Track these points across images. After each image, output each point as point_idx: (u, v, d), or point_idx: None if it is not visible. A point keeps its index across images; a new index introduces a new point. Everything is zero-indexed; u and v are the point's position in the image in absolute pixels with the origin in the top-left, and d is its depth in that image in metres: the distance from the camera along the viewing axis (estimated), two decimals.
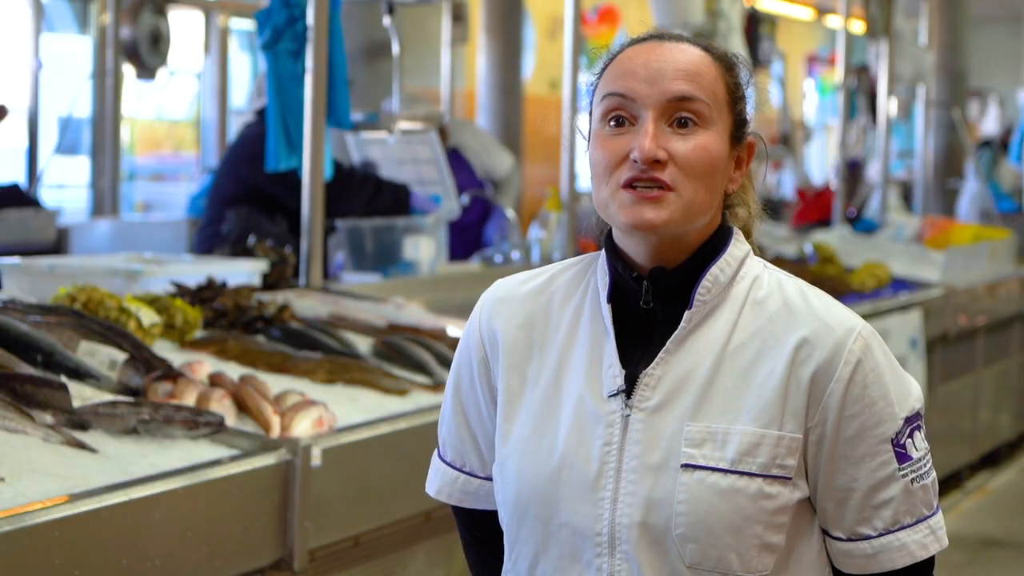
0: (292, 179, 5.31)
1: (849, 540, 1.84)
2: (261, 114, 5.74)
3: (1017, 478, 8.16)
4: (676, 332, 1.83)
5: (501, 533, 1.97)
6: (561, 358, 1.88)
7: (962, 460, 7.76)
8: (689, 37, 1.88)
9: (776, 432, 1.79)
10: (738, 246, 1.88)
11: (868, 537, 1.83)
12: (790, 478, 1.80)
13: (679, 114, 1.80)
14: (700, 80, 1.81)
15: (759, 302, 1.84)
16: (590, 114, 1.88)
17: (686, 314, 1.83)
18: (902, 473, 1.82)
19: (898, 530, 1.83)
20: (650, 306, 1.84)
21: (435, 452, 2.05)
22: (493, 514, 1.99)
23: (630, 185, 1.79)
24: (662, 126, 1.80)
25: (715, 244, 1.86)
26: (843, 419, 1.80)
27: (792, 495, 1.80)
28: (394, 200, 5.88)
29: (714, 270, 1.84)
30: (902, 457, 1.82)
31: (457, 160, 7.58)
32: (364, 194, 5.70)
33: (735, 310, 1.84)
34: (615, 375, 1.83)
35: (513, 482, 1.86)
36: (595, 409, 1.83)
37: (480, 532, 2.04)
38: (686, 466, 1.78)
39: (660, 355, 1.83)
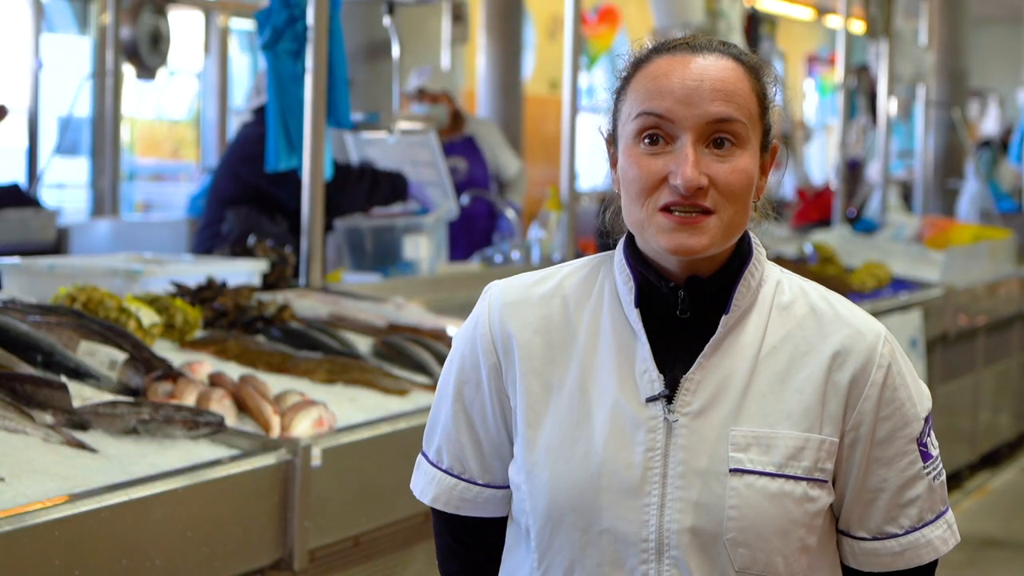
0: (291, 179, 5.32)
1: (875, 539, 1.86)
2: (258, 113, 5.74)
3: (1017, 478, 8.16)
4: (714, 337, 1.83)
5: (492, 542, 1.97)
6: (585, 363, 1.86)
7: (962, 460, 7.76)
8: (718, 45, 1.85)
9: (818, 436, 1.81)
10: (760, 250, 1.89)
11: (895, 535, 1.86)
12: (827, 481, 1.83)
13: (717, 135, 1.79)
14: (737, 99, 1.80)
15: (785, 307, 1.86)
16: (613, 119, 1.87)
17: (723, 319, 1.83)
18: (926, 471, 1.86)
19: (923, 527, 1.86)
20: (687, 315, 1.84)
21: (420, 458, 2.02)
22: (488, 521, 1.97)
23: (667, 208, 1.78)
24: (700, 148, 1.79)
25: (743, 251, 1.87)
26: (878, 421, 1.83)
27: (828, 498, 1.83)
28: (392, 189, 5.87)
29: (746, 275, 1.85)
30: (925, 456, 1.86)
31: (472, 149, 7.60)
32: (363, 187, 5.69)
33: (764, 314, 1.85)
34: (652, 379, 1.83)
35: (546, 490, 1.84)
36: (634, 414, 1.82)
37: (472, 540, 2.01)
38: (735, 471, 1.79)
39: (698, 360, 1.83)
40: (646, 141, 1.80)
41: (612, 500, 1.81)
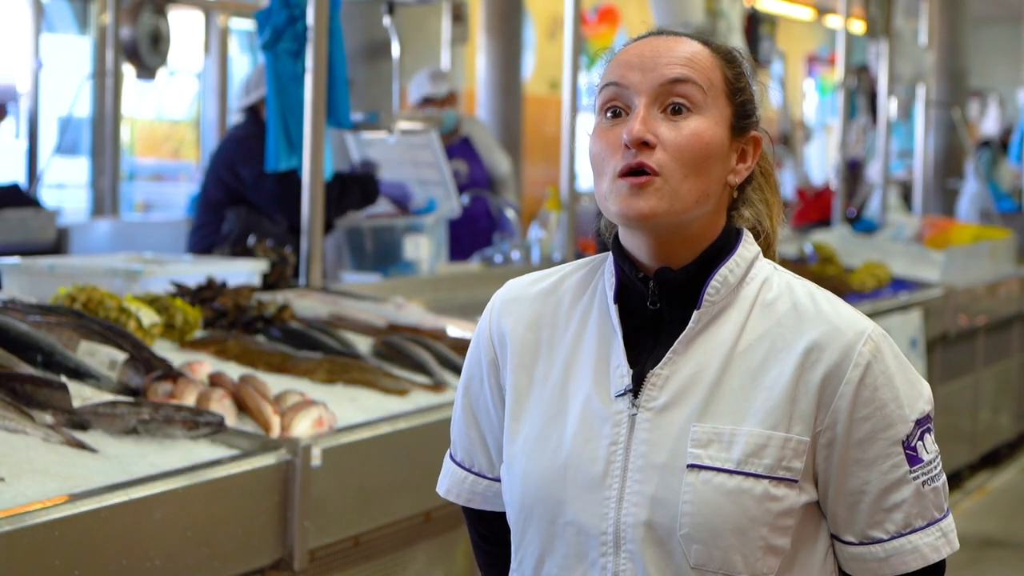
0: (270, 189, 5.36)
1: (861, 544, 1.83)
2: (249, 112, 5.76)
3: (1017, 478, 8.16)
4: (684, 332, 1.82)
5: (508, 535, 1.97)
6: (569, 358, 1.88)
7: (962, 460, 7.76)
8: (690, 33, 1.87)
9: (783, 434, 1.78)
10: (748, 247, 1.87)
11: (880, 541, 1.82)
12: (796, 480, 1.79)
13: (672, 100, 1.80)
14: (694, 66, 1.81)
15: (768, 304, 1.84)
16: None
17: (695, 314, 1.82)
18: (913, 475, 1.82)
19: (910, 533, 1.82)
20: (657, 307, 1.83)
21: (447, 452, 2.05)
22: (501, 515, 1.98)
23: (625, 175, 1.79)
24: (654, 111, 1.80)
25: (722, 245, 1.85)
26: (854, 422, 1.80)
27: (799, 498, 1.80)
28: (363, 193, 5.83)
29: (723, 271, 1.83)
30: (913, 459, 1.82)
31: (469, 150, 7.61)
32: (332, 194, 5.59)
33: (744, 312, 1.83)
34: (623, 375, 1.83)
35: (519, 481, 1.86)
36: (602, 409, 1.83)
37: (489, 533, 2.04)
38: (692, 466, 1.78)
39: (668, 355, 1.82)
40: (608, 115, 1.82)
41: (576, 493, 1.82)
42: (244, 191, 5.60)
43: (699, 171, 1.80)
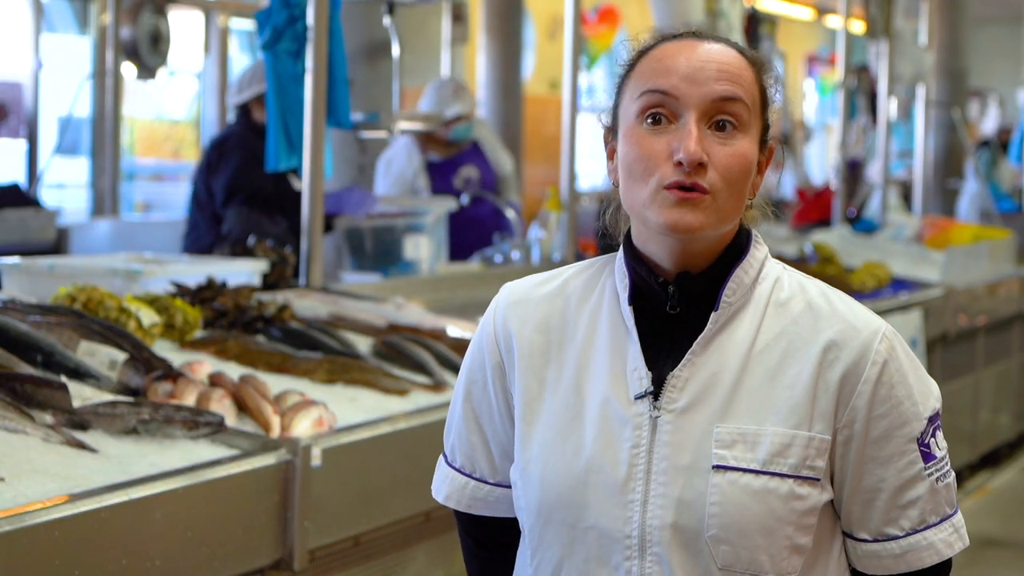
0: (234, 209, 5.39)
1: (876, 541, 1.84)
2: (240, 110, 5.78)
3: (1017, 478, 8.15)
4: (703, 334, 1.82)
5: (507, 541, 1.97)
6: (581, 361, 1.87)
7: (962, 460, 7.75)
8: (723, 38, 1.87)
9: (806, 433, 1.80)
10: (759, 247, 1.88)
11: (895, 537, 1.84)
12: (819, 479, 1.81)
13: (719, 116, 1.79)
14: (741, 82, 1.81)
15: (782, 304, 1.85)
16: (615, 109, 1.86)
17: (713, 315, 1.83)
18: (928, 472, 1.84)
19: (924, 529, 1.84)
20: (677, 311, 1.83)
21: (440, 457, 2.03)
22: (500, 521, 1.98)
23: (670, 188, 1.78)
24: (703, 127, 1.79)
25: (737, 246, 1.86)
26: (871, 419, 1.81)
27: (821, 497, 1.81)
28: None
29: (739, 272, 1.84)
30: (927, 456, 1.84)
31: (479, 155, 7.61)
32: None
33: (759, 311, 1.84)
34: (641, 377, 1.83)
35: (537, 486, 1.85)
36: (621, 411, 1.83)
37: (486, 539, 2.03)
38: (718, 467, 1.78)
39: (687, 357, 1.82)
40: (648, 121, 1.80)
41: (598, 497, 1.81)
42: (210, 197, 5.67)
43: (741, 190, 1.81)
